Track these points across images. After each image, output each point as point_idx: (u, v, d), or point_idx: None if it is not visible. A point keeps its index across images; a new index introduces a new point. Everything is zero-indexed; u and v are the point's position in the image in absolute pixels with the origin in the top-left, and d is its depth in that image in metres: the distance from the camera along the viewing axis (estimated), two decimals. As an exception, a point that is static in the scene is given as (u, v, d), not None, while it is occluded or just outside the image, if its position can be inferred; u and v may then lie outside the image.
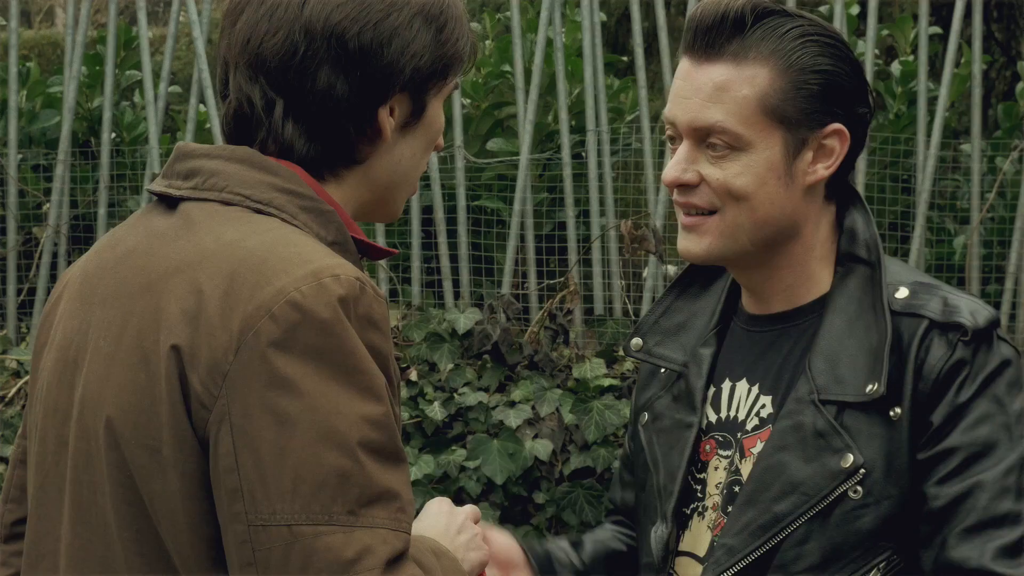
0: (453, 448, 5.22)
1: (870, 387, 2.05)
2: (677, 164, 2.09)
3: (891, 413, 2.05)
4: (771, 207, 2.08)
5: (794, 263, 2.14)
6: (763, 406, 2.13)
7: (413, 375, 5.33)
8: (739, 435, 2.15)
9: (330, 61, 1.77)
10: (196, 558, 1.68)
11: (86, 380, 1.76)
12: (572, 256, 5.53)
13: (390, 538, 1.65)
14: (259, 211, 1.75)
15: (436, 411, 5.25)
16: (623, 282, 5.57)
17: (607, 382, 5.23)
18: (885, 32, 6.18)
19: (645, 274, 5.54)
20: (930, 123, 5.52)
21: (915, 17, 5.79)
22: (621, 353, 5.36)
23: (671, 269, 5.52)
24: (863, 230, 2.14)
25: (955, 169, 5.95)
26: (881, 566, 2.05)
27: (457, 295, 5.58)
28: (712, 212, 2.09)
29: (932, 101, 5.56)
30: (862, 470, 2.03)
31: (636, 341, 2.26)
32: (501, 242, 5.62)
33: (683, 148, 2.09)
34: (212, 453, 1.66)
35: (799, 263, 2.14)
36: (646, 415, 2.24)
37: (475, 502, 5.13)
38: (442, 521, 1.90)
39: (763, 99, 2.05)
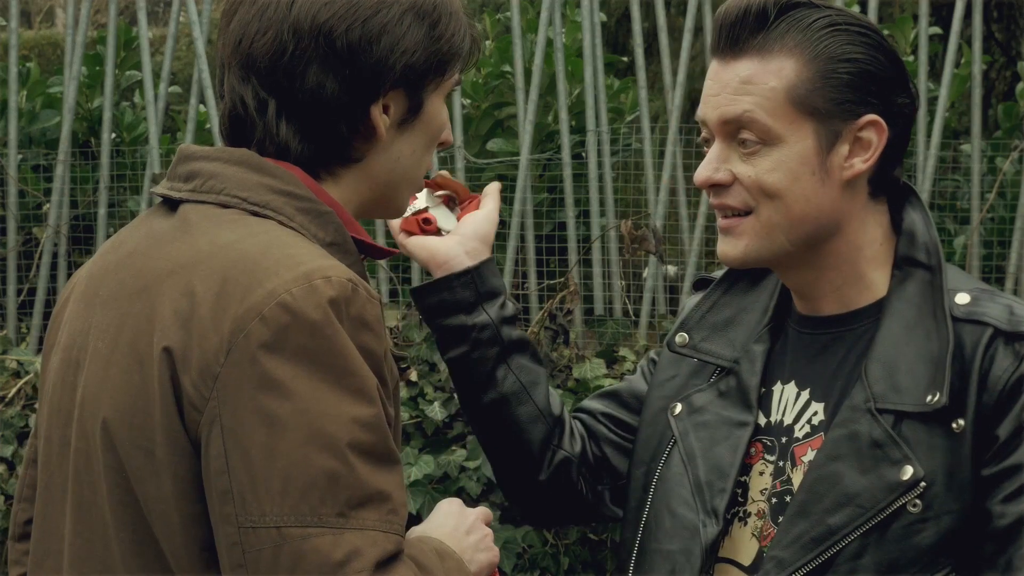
0: (453, 448, 5.22)
1: (931, 397, 1.97)
2: (708, 164, 2.05)
3: (953, 425, 1.97)
4: (806, 204, 2.02)
5: (840, 263, 2.07)
6: (815, 413, 2.07)
7: (413, 375, 5.33)
8: (785, 440, 2.08)
9: (318, 60, 1.77)
10: (190, 559, 1.69)
11: (85, 381, 1.76)
12: (572, 256, 5.53)
13: (380, 540, 1.64)
14: (256, 213, 1.75)
15: (436, 411, 5.25)
16: (623, 282, 5.57)
17: (607, 382, 5.23)
18: (885, 32, 6.17)
19: (645, 274, 5.54)
20: (930, 123, 5.52)
21: (915, 17, 5.79)
22: (622, 353, 5.36)
23: (671, 269, 5.52)
24: (922, 232, 2.07)
25: (955, 169, 5.95)
26: None
27: (457, 295, 5.57)
28: (747, 213, 2.04)
29: (932, 101, 5.56)
30: (923, 483, 1.95)
31: (682, 336, 2.20)
32: (501, 242, 5.62)
33: (715, 147, 2.06)
34: (203, 455, 1.66)
35: (847, 263, 2.07)
36: (680, 406, 2.17)
37: (475, 502, 5.13)
38: (451, 522, 1.89)
39: (791, 90, 2.01)
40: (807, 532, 1.99)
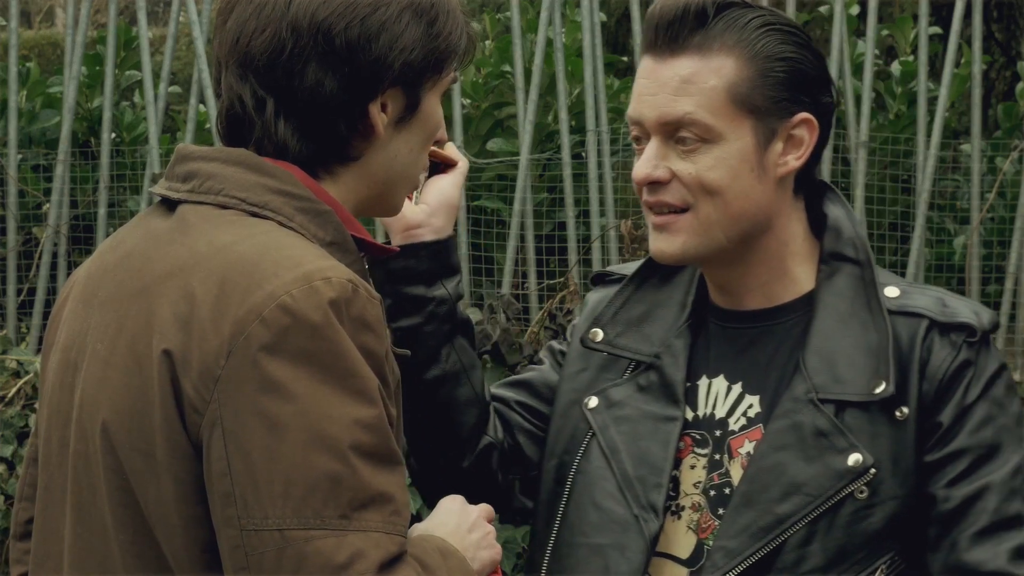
0: (453, 448, 5.21)
1: (878, 387, 2.02)
2: (648, 161, 2.07)
3: (897, 413, 2.03)
4: (745, 201, 2.06)
5: (769, 259, 2.11)
6: (750, 405, 2.10)
7: (413, 375, 5.32)
8: (719, 433, 2.11)
9: (317, 58, 1.76)
10: (191, 561, 1.68)
11: (84, 383, 1.76)
12: (572, 256, 5.53)
13: (383, 541, 1.64)
14: (255, 214, 1.74)
15: (436, 411, 5.24)
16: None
17: (607, 382, 5.23)
18: (885, 32, 6.18)
19: (645, 274, 5.54)
20: (930, 123, 5.52)
21: (915, 17, 5.79)
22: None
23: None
24: (848, 228, 2.12)
25: (955, 169, 5.95)
26: (884, 567, 2.03)
27: (457, 295, 5.57)
28: (684, 210, 2.06)
29: (932, 101, 5.56)
30: (873, 469, 2.00)
31: (595, 332, 2.22)
32: (501, 242, 5.62)
33: (652, 145, 2.07)
34: (205, 457, 1.66)
35: (774, 259, 2.11)
36: (596, 400, 2.18)
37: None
38: (453, 519, 1.89)
39: (731, 88, 2.04)
40: (755, 522, 2.02)
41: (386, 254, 1.91)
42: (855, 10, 5.95)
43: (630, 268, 2.28)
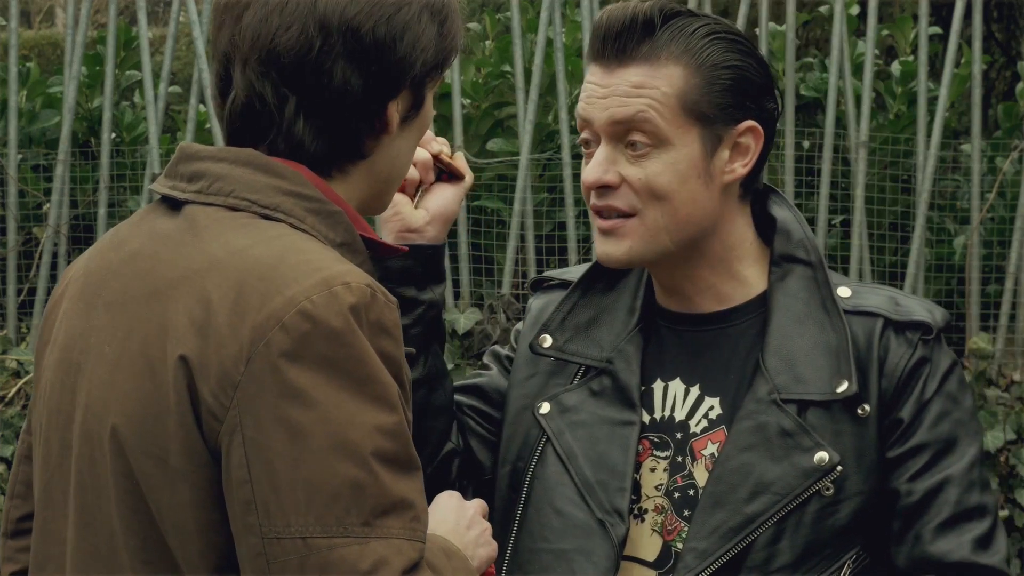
0: (453, 448, 5.22)
1: (840, 386, 2.06)
2: (598, 165, 2.09)
3: (859, 411, 2.07)
4: (692, 206, 2.08)
5: (715, 263, 2.14)
6: (711, 408, 2.13)
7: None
8: (680, 436, 2.13)
9: (346, 56, 1.75)
10: (205, 566, 1.67)
11: (90, 385, 1.74)
12: (572, 256, 5.53)
13: (405, 548, 1.64)
14: (266, 216, 1.73)
15: (436, 411, 5.25)
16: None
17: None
18: (885, 32, 6.18)
19: (645, 274, 5.54)
20: (930, 123, 5.52)
21: (915, 17, 5.79)
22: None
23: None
24: (797, 230, 2.16)
25: (955, 169, 5.95)
26: (850, 563, 2.07)
27: (457, 295, 5.58)
28: (631, 215, 2.09)
29: (932, 101, 5.56)
30: (839, 467, 2.04)
31: (544, 337, 2.23)
32: (501, 242, 5.62)
33: (602, 149, 2.09)
34: (224, 464, 1.65)
35: (720, 262, 2.14)
36: (548, 405, 2.19)
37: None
38: (451, 517, 1.88)
39: (681, 96, 2.06)
40: (725, 522, 2.05)
41: (394, 253, 1.90)
42: (855, 10, 5.95)
43: (571, 273, 2.30)
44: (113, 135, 5.74)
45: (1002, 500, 5.26)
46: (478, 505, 1.94)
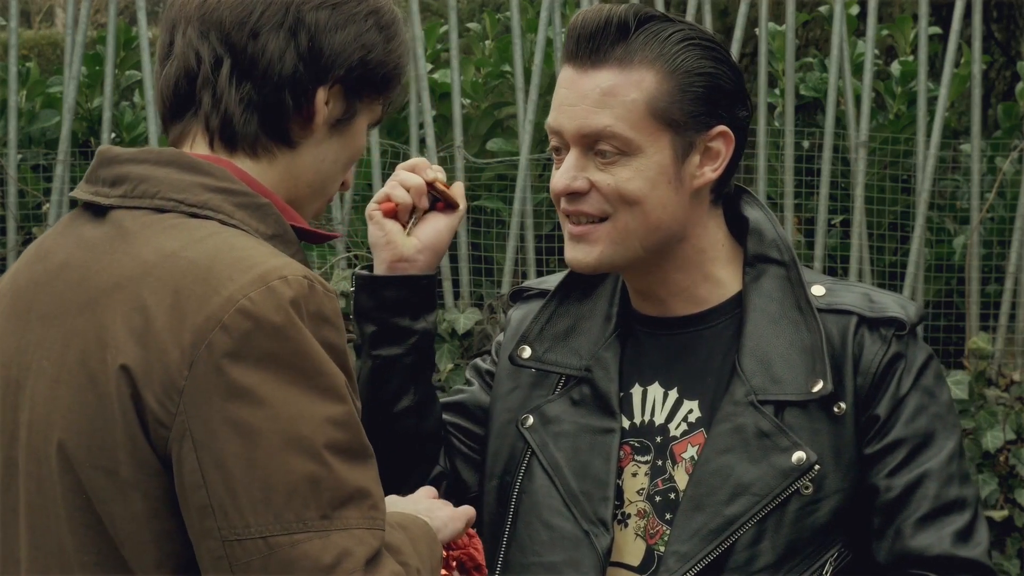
0: (453, 448, 5.22)
1: (816, 386, 2.07)
2: (566, 172, 2.09)
3: (835, 409, 2.08)
4: (663, 211, 2.08)
5: (686, 265, 2.14)
6: (690, 411, 2.13)
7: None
8: (660, 440, 2.14)
9: (285, 28, 1.77)
10: None
11: (32, 402, 1.71)
12: (572, 256, 5.53)
13: (366, 537, 1.64)
14: (194, 215, 1.72)
15: (436, 411, 5.25)
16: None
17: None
18: (885, 32, 6.18)
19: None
20: (930, 123, 5.52)
21: (915, 17, 5.79)
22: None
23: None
24: (769, 230, 2.16)
25: (955, 169, 5.95)
26: (832, 560, 2.08)
27: (457, 295, 5.58)
28: (602, 219, 2.09)
29: (932, 101, 5.56)
30: (817, 466, 2.05)
31: (523, 348, 2.23)
32: (501, 242, 5.62)
33: (571, 156, 2.09)
34: (176, 471, 1.63)
35: (691, 265, 2.14)
36: (532, 418, 2.20)
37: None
38: (400, 503, 1.90)
39: (651, 102, 2.06)
40: (706, 524, 2.06)
41: (326, 240, 1.89)
42: (855, 10, 5.95)
43: (549, 282, 2.30)
44: (113, 135, 5.74)
45: (1002, 500, 5.26)
46: (466, 511, 1.96)
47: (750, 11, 5.60)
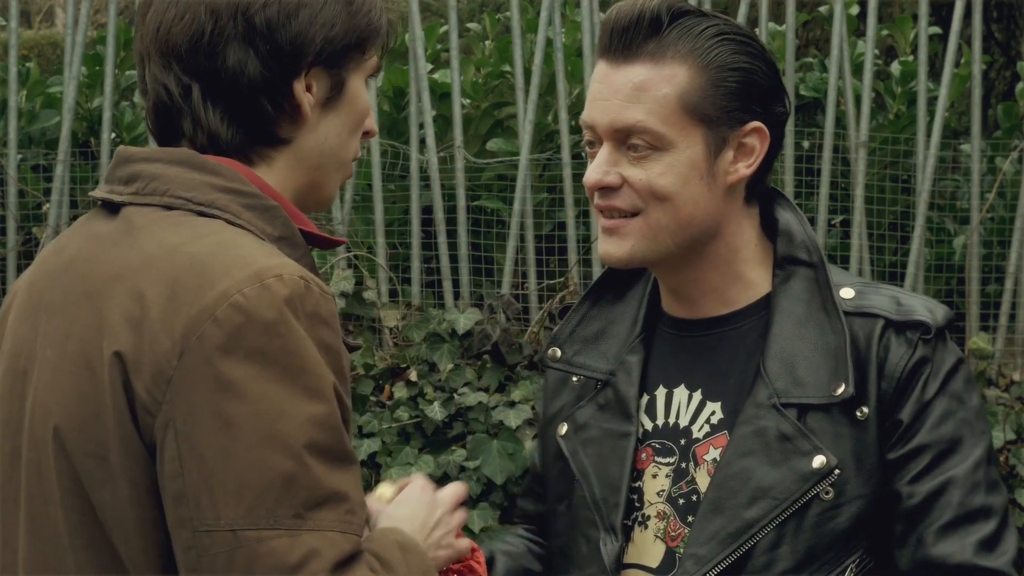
0: (453, 448, 5.22)
1: (838, 389, 2.05)
2: (599, 167, 2.08)
3: (858, 413, 2.06)
4: (694, 207, 2.07)
5: (719, 264, 2.13)
6: (712, 412, 2.12)
7: (413, 375, 5.33)
8: (684, 442, 2.12)
9: (238, 38, 1.76)
10: (148, 564, 1.67)
11: (35, 390, 1.74)
12: (572, 256, 5.53)
13: (338, 540, 1.63)
14: (202, 213, 1.74)
15: (436, 411, 5.25)
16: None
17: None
18: (885, 32, 6.18)
19: (645, 274, 5.54)
20: (930, 123, 5.52)
21: (915, 17, 5.79)
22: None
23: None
24: (799, 231, 2.15)
25: (955, 169, 5.95)
26: (853, 566, 2.06)
27: (457, 295, 5.58)
28: (634, 214, 2.08)
29: (932, 101, 5.56)
30: (837, 470, 2.03)
31: (554, 351, 2.23)
32: (501, 242, 5.62)
33: (604, 151, 2.08)
34: (159, 459, 1.65)
35: (724, 264, 2.13)
36: (566, 426, 2.20)
37: (475, 503, 5.14)
38: (420, 515, 1.87)
39: (683, 97, 2.05)
40: (724, 528, 2.05)
41: (334, 245, 1.90)
42: (855, 10, 5.95)
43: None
44: (113, 135, 5.74)
45: (1002, 500, 5.26)
46: (450, 500, 1.92)
47: (750, 11, 5.60)
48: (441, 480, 5.13)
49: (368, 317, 5.52)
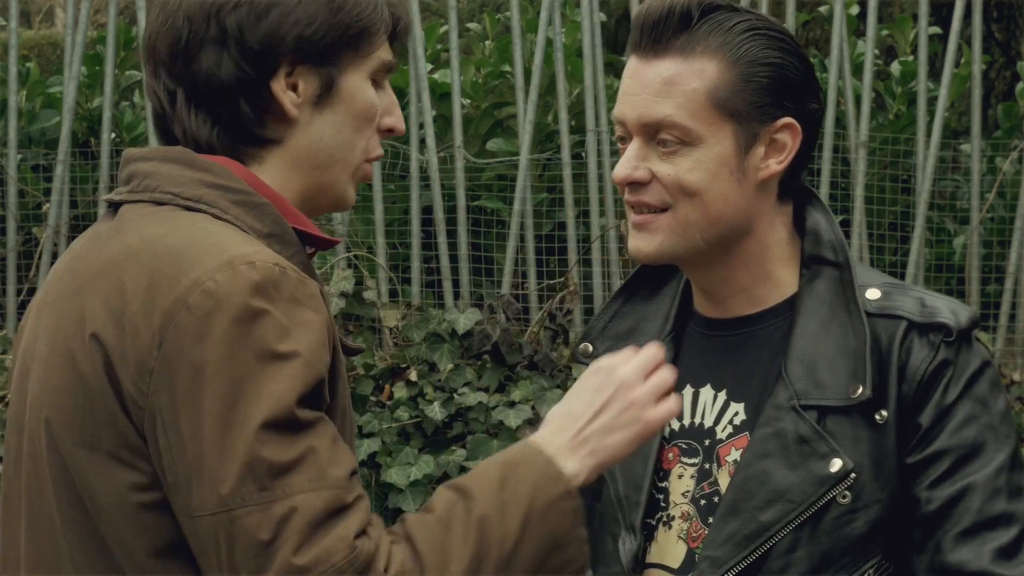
0: (453, 448, 5.22)
1: (855, 391, 2.02)
2: (628, 161, 2.07)
3: (877, 416, 2.03)
4: (724, 203, 2.05)
5: (749, 262, 2.11)
6: (736, 413, 2.10)
7: (413, 375, 5.33)
8: (708, 443, 2.11)
9: (211, 41, 1.78)
10: (139, 553, 1.69)
11: (31, 386, 1.78)
12: (572, 256, 5.53)
13: (310, 501, 1.64)
14: (189, 208, 1.76)
15: (436, 411, 5.25)
16: (623, 282, 5.57)
17: (607, 382, 5.23)
18: (885, 32, 6.18)
19: (645, 274, 5.54)
20: (930, 123, 5.52)
21: (915, 17, 5.80)
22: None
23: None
24: (827, 231, 2.12)
25: (955, 169, 5.95)
26: (871, 572, 2.03)
27: (457, 295, 5.58)
28: (663, 210, 2.06)
29: (932, 101, 5.56)
30: (853, 474, 2.00)
31: (585, 346, 2.21)
32: (501, 242, 5.62)
33: (633, 145, 2.07)
34: (153, 451, 1.67)
35: (755, 263, 2.11)
36: None
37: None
38: (578, 406, 1.84)
39: (712, 92, 2.04)
40: (740, 530, 2.03)
41: (329, 245, 1.90)
42: (855, 10, 5.95)
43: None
44: (113, 135, 5.75)
45: (1002, 500, 5.26)
46: (631, 372, 1.88)
47: (750, 11, 5.61)
48: (441, 480, 5.13)
49: (368, 317, 5.52)
